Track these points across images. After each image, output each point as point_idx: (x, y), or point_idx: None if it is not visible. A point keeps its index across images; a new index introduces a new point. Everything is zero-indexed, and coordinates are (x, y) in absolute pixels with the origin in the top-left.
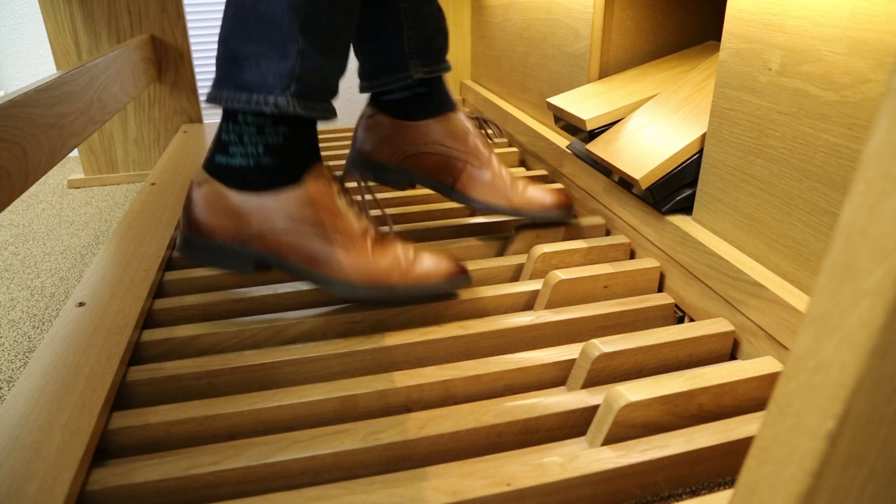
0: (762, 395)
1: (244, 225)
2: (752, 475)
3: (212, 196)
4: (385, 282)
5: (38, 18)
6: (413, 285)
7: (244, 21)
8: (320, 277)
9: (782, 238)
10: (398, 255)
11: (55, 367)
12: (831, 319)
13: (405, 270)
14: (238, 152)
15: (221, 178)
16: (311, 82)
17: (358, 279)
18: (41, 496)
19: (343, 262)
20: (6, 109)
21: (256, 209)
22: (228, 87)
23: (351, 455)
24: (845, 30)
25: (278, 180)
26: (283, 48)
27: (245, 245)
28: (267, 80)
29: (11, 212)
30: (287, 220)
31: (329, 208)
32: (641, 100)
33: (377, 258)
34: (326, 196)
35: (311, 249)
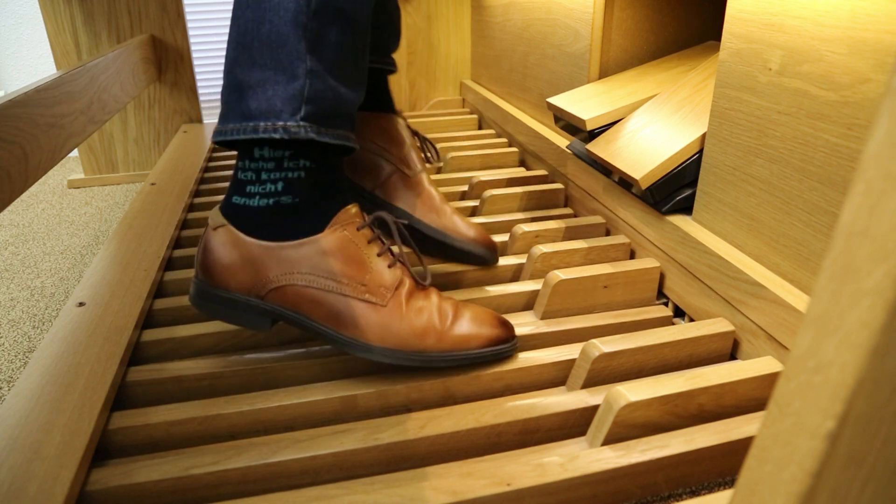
0: (762, 395)
1: (262, 277)
2: (752, 475)
3: (228, 243)
4: (418, 346)
5: (38, 18)
6: (449, 351)
7: (247, 47)
8: (344, 339)
9: (782, 238)
10: (434, 314)
11: (55, 367)
12: (831, 319)
13: (441, 333)
14: (256, 191)
15: (238, 223)
16: (324, 105)
17: (387, 343)
18: (41, 496)
19: (371, 322)
20: (6, 109)
21: (276, 260)
22: (234, 118)
23: (351, 455)
24: (845, 30)
25: (301, 227)
26: (290, 69)
27: (262, 299)
28: (275, 105)
29: (11, 212)
30: (309, 274)
31: (358, 260)
32: (641, 100)
33: (410, 318)
34: (354, 246)
35: (336, 307)
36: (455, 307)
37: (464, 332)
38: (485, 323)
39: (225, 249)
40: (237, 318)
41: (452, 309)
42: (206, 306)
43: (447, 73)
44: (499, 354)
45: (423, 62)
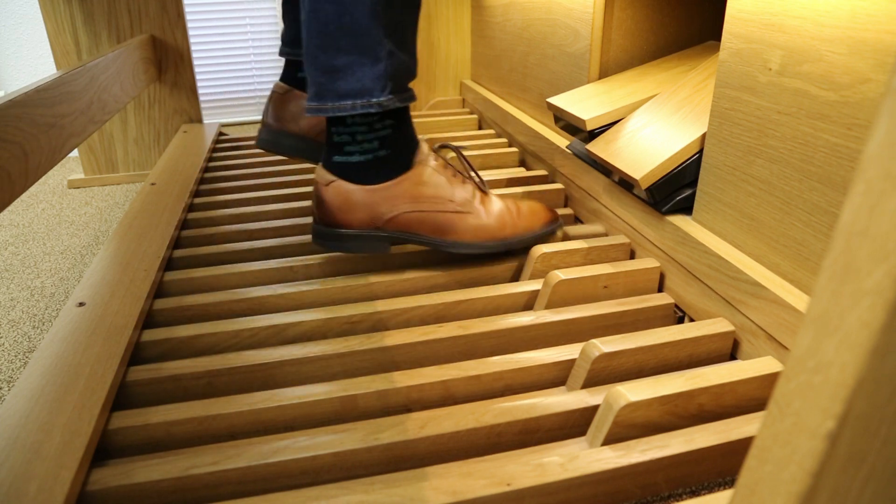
0: (762, 395)
1: (377, 213)
2: (752, 475)
3: (342, 193)
4: (501, 236)
5: (38, 18)
6: (521, 235)
7: (331, 35)
8: (448, 243)
9: (782, 238)
10: (504, 212)
11: (55, 367)
12: (831, 319)
13: (514, 224)
14: (355, 150)
15: (345, 176)
16: (401, 77)
17: (479, 239)
18: (41, 496)
19: (465, 226)
20: (6, 109)
21: (384, 198)
22: (331, 98)
23: (351, 455)
24: (845, 30)
25: (396, 170)
26: (373, 53)
27: (379, 229)
28: (366, 85)
29: (11, 212)
30: (412, 202)
31: (441, 184)
32: (641, 100)
33: (490, 217)
34: (436, 173)
35: (437, 221)
36: (515, 203)
37: (527, 220)
38: (539, 210)
39: (341, 199)
40: (361, 247)
41: (514, 205)
42: (333, 244)
43: (447, 73)
44: (554, 230)
45: (423, 62)
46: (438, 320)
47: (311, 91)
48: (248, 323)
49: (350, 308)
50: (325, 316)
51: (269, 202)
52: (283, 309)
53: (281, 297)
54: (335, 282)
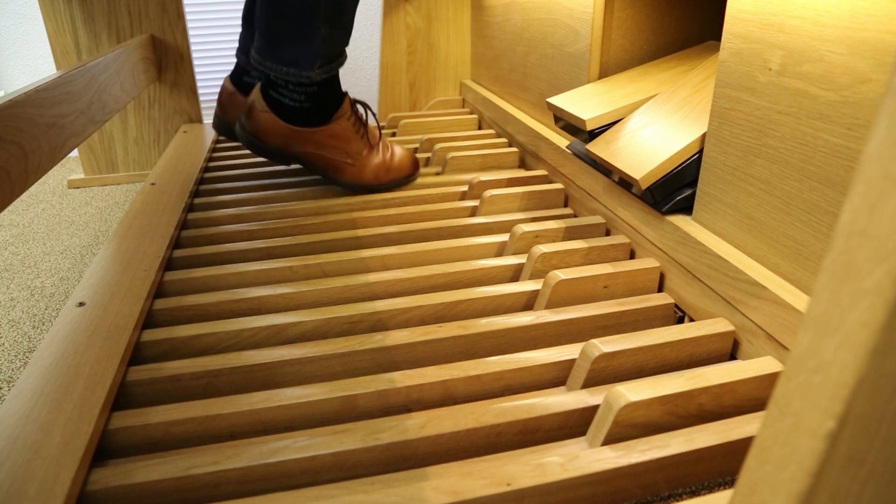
0: (762, 395)
1: (290, 144)
2: (752, 475)
3: (269, 121)
4: (377, 180)
5: (38, 18)
6: (388, 182)
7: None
8: (338, 180)
9: (782, 238)
10: (379, 165)
11: (55, 367)
12: (831, 319)
13: (385, 175)
14: (286, 95)
15: (276, 111)
16: (332, 54)
17: (361, 181)
18: (41, 496)
19: (348, 172)
20: (6, 109)
21: (300, 136)
22: (270, 58)
23: (351, 455)
24: (845, 30)
25: (316, 121)
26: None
27: (288, 153)
28: (299, 59)
29: (11, 212)
30: (319, 146)
31: (347, 138)
32: (641, 100)
33: (368, 170)
34: (346, 130)
35: (331, 163)
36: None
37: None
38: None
39: (268, 125)
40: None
41: (390, 158)
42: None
43: (447, 73)
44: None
45: (423, 62)
46: (438, 320)
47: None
48: (248, 323)
49: (350, 308)
50: (325, 316)
51: (269, 202)
52: (283, 309)
53: (281, 297)
54: (335, 282)
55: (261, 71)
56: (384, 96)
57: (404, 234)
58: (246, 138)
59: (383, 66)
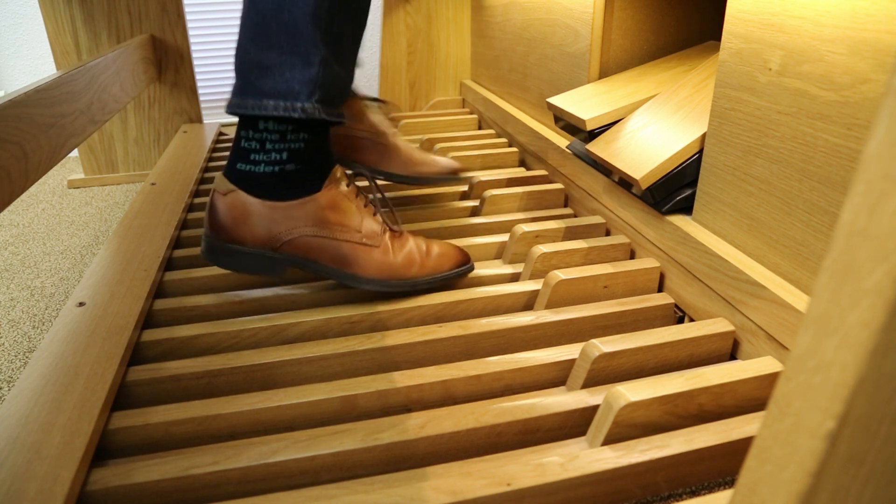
0: (762, 395)
1: (274, 233)
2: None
3: (238, 206)
4: (405, 276)
5: (38, 18)
6: (429, 276)
7: (266, 30)
8: (348, 275)
9: (782, 238)
10: (413, 250)
11: (55, 367)
12: (831, 319)
13: (421, 264)
14: (262, 160)
15: (246, 188)
16: (332, 89)
17: (382, 276)
18: (41, 496)
19: (368, 260)
20: (6, 109)
21: (284, 217)
22: (253, 95)
23: (351, 455)
24: (845, 30)
25: (303, 188)
26: (306, 56)
27: (276, 251)
28: (293, 87)
29: (11, 212)
30: (315, 226)
31: (350, 212)
32: (641, 100)
33: (397, 255)
34: (346, 200)
35: (340, 251)
36: (427, 243)
37: (436, 261)
38: (449, 252)
39: (237, 211)
40: (254, 268)
41: (425, 244)
42: (220, 260)
43: (447, 73)
44: (463, 272)
45: (423, 62)
46: (438, 320)
47: (235, 85)
48: (248, 323)
49: (350, 308)
50: (325, 316)
51: None
52: (283, 309)
53: (281, 297)
54: (335, 282)
55: (237, 117)
56: (384, 96)
57: None
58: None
59: (383, 66)
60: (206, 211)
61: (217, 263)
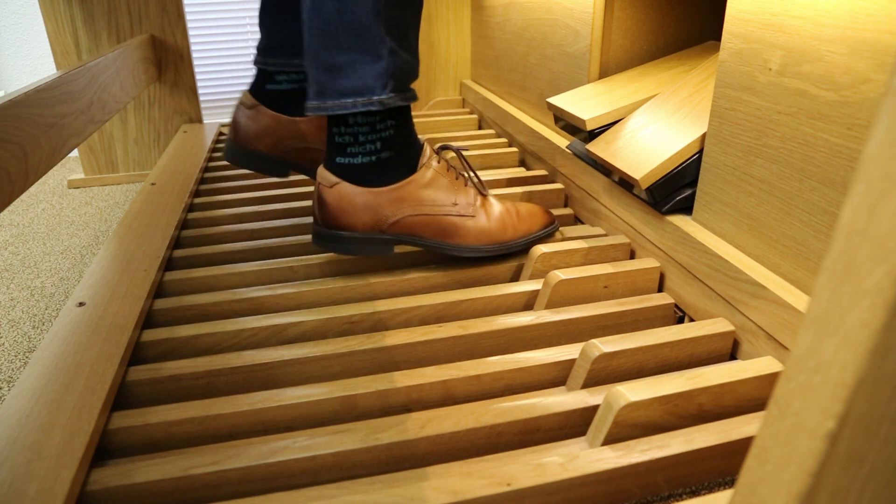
0: (762, 395)
1: (380, 216)
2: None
3: (346, 196)
4: (502, 239)
5: (38, 18)
6: (522, 238)
7: (333, 34)
8: (453, 246)
9: (782, 238)
10: (505, 214)
11: (55, 367)
12: (831, 319)
13: (515, 226)
14: (358, 152)
15: (349, 178)
16: (402, 75)
17: (482, 242)
18: (41, 496)
19: (468, 230)
20: (6, 109)
21: (388, 201)
22: (332, 96)
23: (351, 455)
24: (845, 30)
25: (400, 172)
26: (375, 51)
27: (383, 232)
28: (367, 82)
29: (11, 212)
30: (416, 205)
31: (445, 186)
32: (641, 100)
33: (491, 221)
34: (440, 176)
35: (441, 225)
36: (514, 206)
37: (527, 222)
38: (537, 212)
39: (345, 201)
40: (364, 250)
41: (513, 207)
42: (333, 246)
43: (447, 73)
44: (552, 231)
45: (423, 62)
46: (438, 320)
47: (312, 90)
48: (248, 323)
49: (350, 308)
50: (325, 316)
51: (269, 202)
52: (283, 309)
53: (281, 297)
54: (335, 282)
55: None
56: None
57: None
58: (325, 236)
59: None
60: (315, 203)
61: (330, 250)
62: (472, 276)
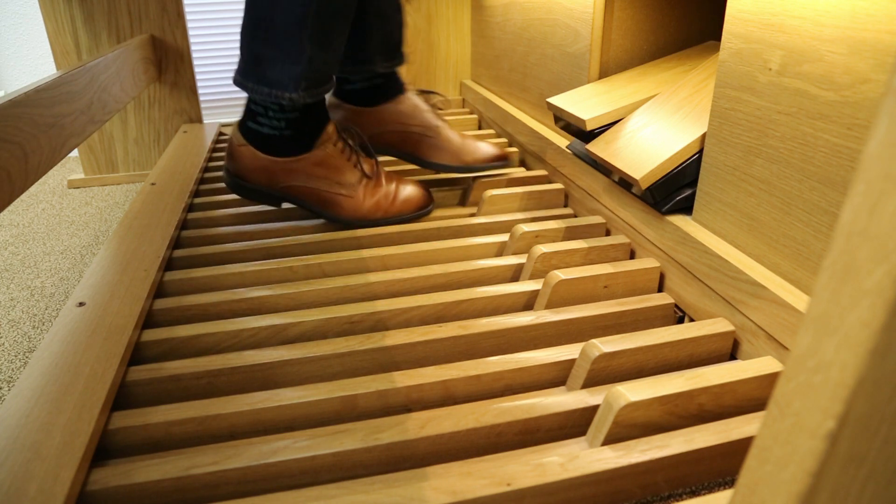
0: (762, 395)
1: (274, 179)
2: (752, 475)
3: (249, 156)
4: (373, 217)
5: (38, 18)
6: (394, 217)
7: (261, 28)
8: (328, 215)
9: (782, 238)
10: (381, 197)
11: (55, 367)
12: (831, 319)
13: (388, 207)
14: (265, 123)
15: (255, 143)
16: (317, 77)
17: (355, 216)
18: (41, 496)
19: (344, 205)
20: (6, 109)
21: (283, 169)
22: (252, 79)
23: (351, 455)
24: (845, 30)
25: (297, 149)
26: (293, 54)
27: (276, 190)
28: (282, 80)
29: (11, 212)
30: (305, 177)
31: (335, 167)
32: (641, 100)
33: (367, 200)
34: (333, 157)
35: (322, 197)
36: (396, 188)
37: (400, 206)
38: (413, 198)
39: (248, 160)
40: (258, 199)
41: (395, 190)
42: (233, 188)
43: (447, 73)
44: (424, 213)
45: (423, 62)
46: (438, 320)
47: (239, 65)
48: (248, 323)
49: (350, 308)
50: (325, 316)
51: None
52: (283, 309)
53: (281, 297)
54: (335, 282)
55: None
56: None
57: (404, 234)
58: (230, 180)
59: None
60: (227, 154)
61: (236, 192)
62: (472, 276)
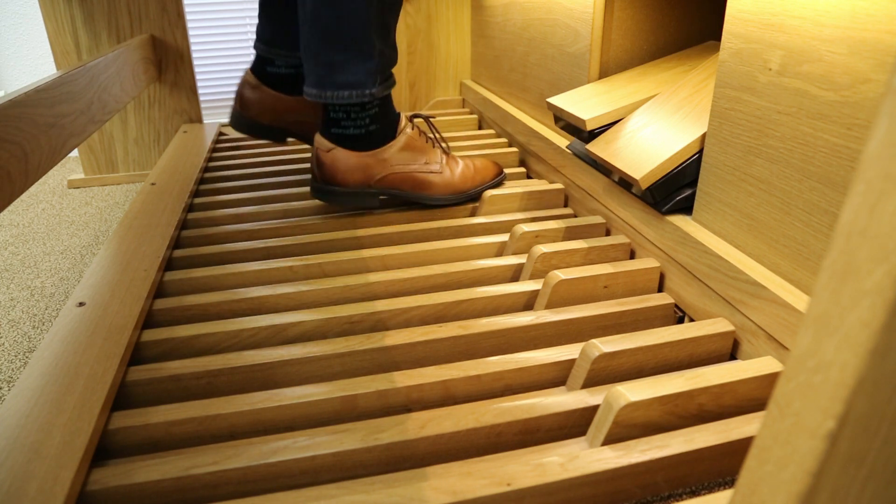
0: (762, 395)
1: (370, 173)
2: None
3: (341, 158)
4: (463, 189)
5: (38, 18)
6: (478, 186)
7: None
8: (425, 197)
9: (782, 238)
10: (465, 169)
11: (55, 367)
12: (831, 319)
13: (472, 178)
14: (350, 125)
15: (341, 144)
16: (386, 69)
17: (448, 192)
18: (41, 496)
19: (437, 183)
20: (6, 109)
21: (376, 162)
22: (330, 87)
23: (351, 455)
24: (845, 30)
25: (384, 139)
26: (367, 53)
27: (371, 187)
28: (360, 79)
29: (11, 212)
30: (397, 164)
31: (419, 148)
32: (641, 100)
33: (455, 175)
34: (414, 139)
35: (416, 179)
36: (472, 161)
37: (482, 175)
38: (488, 166)
39: (339, 162)
40: (356, 203)
41: (471, 162)
42: (328, 198)
43: (447, 73)
44: (501, 180)
45: (423, 62)
46: (438, 320)
47: (310, 80)
48: (248, 323)
49: (350, 308)
50: (325, 316)
51: (269, 202)
52: (283, 309)
53: (281, 297)
54: (335, 282)
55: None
56: None
57: (404, 234)
58: (324, 190)
59: None
60: (313, 163)
61: (326, 201)
62: (472, 276)
